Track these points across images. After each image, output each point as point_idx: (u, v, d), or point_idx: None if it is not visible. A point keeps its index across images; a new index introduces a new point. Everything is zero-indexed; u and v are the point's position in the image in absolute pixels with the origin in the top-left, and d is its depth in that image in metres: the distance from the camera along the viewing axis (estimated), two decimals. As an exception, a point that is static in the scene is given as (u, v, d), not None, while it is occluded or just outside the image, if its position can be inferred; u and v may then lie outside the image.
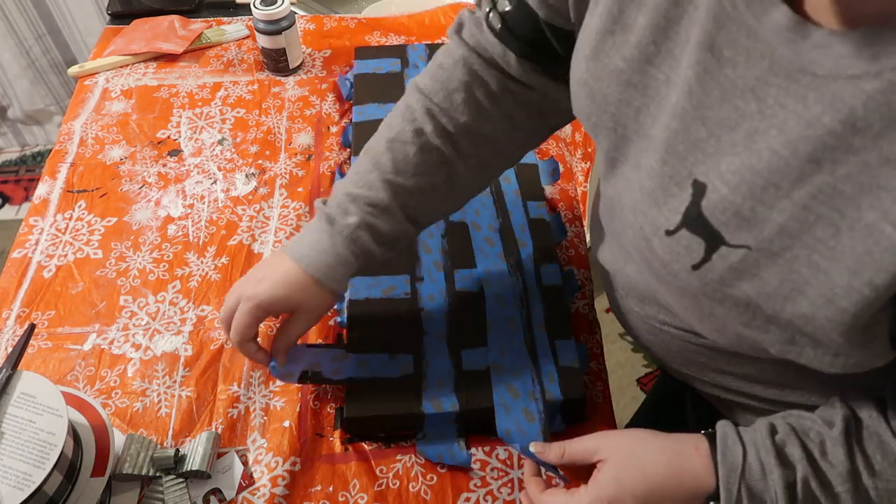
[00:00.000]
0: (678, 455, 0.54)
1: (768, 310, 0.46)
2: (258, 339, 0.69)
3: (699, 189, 0.47)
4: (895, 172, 0.39)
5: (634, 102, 0.51)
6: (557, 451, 0.61)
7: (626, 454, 0.56)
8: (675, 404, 0.84)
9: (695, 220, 0.47)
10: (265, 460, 0.70)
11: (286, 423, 0.72)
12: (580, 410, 0.72)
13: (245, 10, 1.21)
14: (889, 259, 0.40)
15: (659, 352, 0.67)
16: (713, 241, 0.46)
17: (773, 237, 0.44)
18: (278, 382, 0.75)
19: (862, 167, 0.40)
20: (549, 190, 0.94)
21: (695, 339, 0.60)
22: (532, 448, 0.63)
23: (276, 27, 1.03)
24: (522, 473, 0.69)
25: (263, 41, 1.05)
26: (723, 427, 0.55)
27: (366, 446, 0.71)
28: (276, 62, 1.07)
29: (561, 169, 0.96)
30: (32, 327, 0.71)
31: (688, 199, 0.47)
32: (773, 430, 0.53)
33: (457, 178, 0.67)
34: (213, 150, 0.98)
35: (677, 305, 0.55)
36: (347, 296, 0.78)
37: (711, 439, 0.54)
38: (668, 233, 0.49)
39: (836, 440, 0.51)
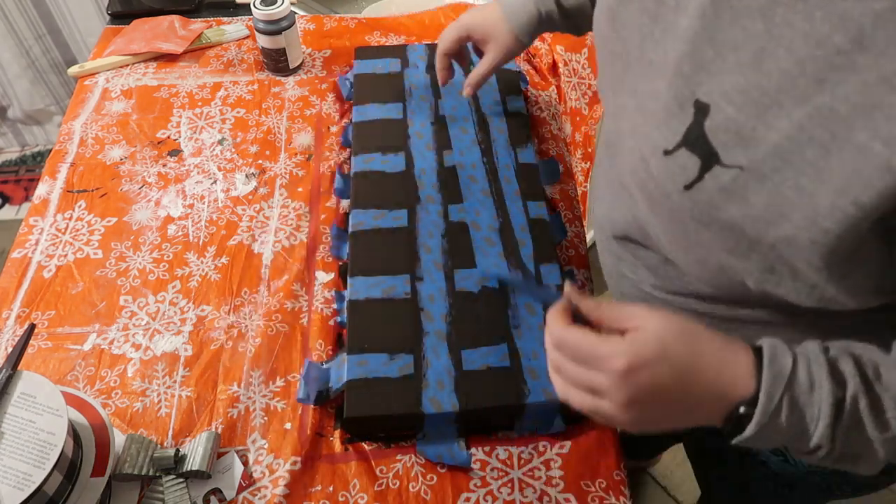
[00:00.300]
0: (726, 349, 0.49)
1: (752, 234, 0.47)
2: None
3: (702, 109, 0.47)
4: (891, 90, 0.39)
5: (644, 28, 0.53)
6: (592, 304, 0.53)
7: (676, 326, 0.49)
8: None
9: (695, 140, 0.47)
10: (265, 461, 0.70)
11: (287, 425, 0.72)
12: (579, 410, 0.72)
13: (245, 10, 1.21)
14: (877, 176, 0.40)
15: None
16: (709, 160, 0.47)
17: (766, 157, 0.44)
18: (278, 382, 0.76)
19: (861, 86, 0.40)
20: (549, 190, 0.94)
21: (683, 301, 0.60)
22: (567, 288, 0.54)
23: (276, 27, 1.03)
24: (522, 473, 0.70)
25: (263, 41, 1.05)
26: (770, 340, 0.49)
27: (366, 446, 0.71)
28: (276, 62, 1.07)
29: (561, 169, 0.96)
30: (32, 327, 0.71)
31: (689, 119, 0.48)
32: (826, 348, 0.49)
33: None
34: (213, 150, 0.98)
35: (665, 235, 0.55)
36: (347, 296, 0.78)
37: (758, 352, 0.49)
38: (666, 152, 0.49)
39: (894, 364, 0.47)
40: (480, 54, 0.92)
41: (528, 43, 0.88)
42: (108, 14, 1.22)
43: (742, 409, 0.47)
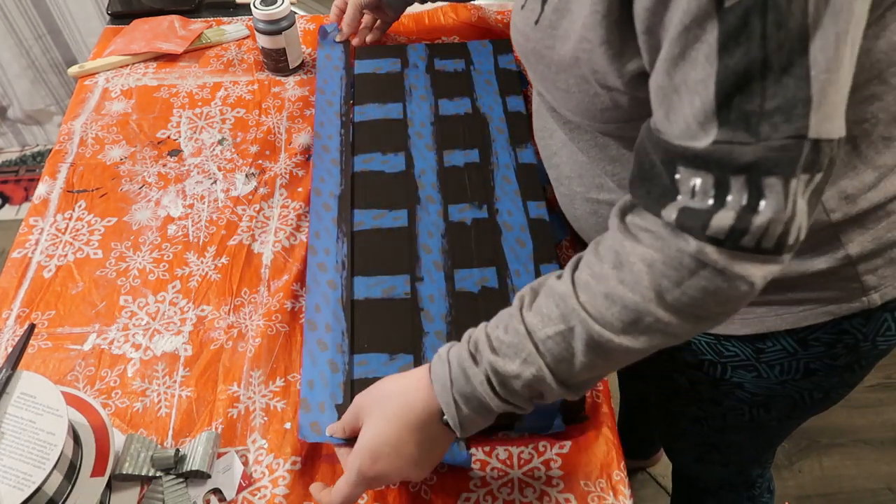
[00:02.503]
0: (407, 391, 0.60)
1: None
2: None
3: None
4: None
5: None
6: (339, 426, 0.66)
7: (374, 408, 0.62)
8: None
9: None
10: (266, 461, 0.70)
11: (287, 425, 0.72)
12: (580, 410, 0.72)
13: (245, 10, 1.21)
14: None
15: (603, 231, 0.72)
16: None
17: None
18: (278, 382, 0.76)
19: None
20: (550, 190, 0.94)
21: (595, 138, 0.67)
22: (327, 431, 0.67)
23: (276, 27, 1.03)
24: (522, 473, 0.70)
25: (263, 41, 1.05)
26: (440, 350, 0.60)
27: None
28: (276, 62, 1.07)
29: (561, 169, 0.96)
30: (32, 327, 0.71)
31: None
32: (468, 337, 0.59)
33: None
34: (213, 150, 0.98)
35: (550, 89, 0.63)
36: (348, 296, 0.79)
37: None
38: (522, 7, 0.63)
39: (513, 314, 0.57)
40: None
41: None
42: (108, 14, 1.22)
43: (444, 419, 0.59)
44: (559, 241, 0.88)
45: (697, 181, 0.48)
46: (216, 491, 0.68)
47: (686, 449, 0.96)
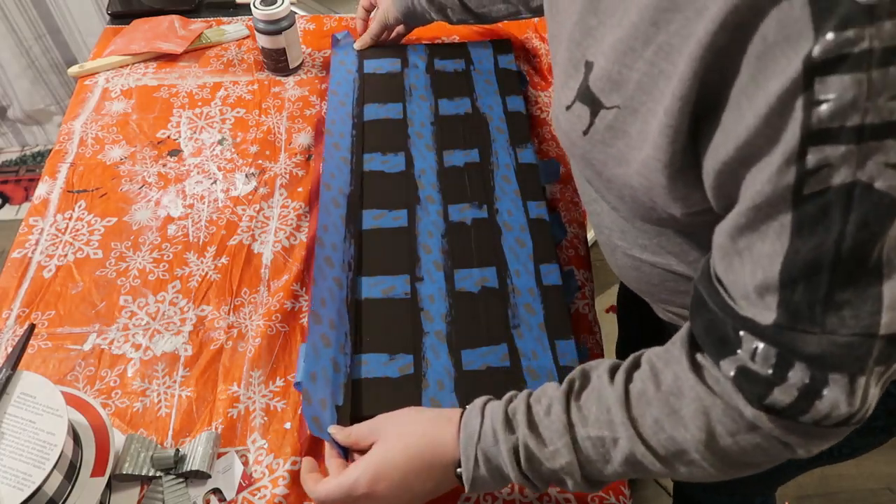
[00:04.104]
0: (433, 427, 0.61)
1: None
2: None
3: (589, 67, 0.55)
4: (701, 19, 0.44)
5: (552, 8, 0.63)
6: (345, 433, 0.65)
7: (393, 430, 0.62)
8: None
9: (584, 92, 0.55)
10: (266, 461, 0.70)
11: (287, 425, 0.72)
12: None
13: (245, 10, 1.21)
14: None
15: (644, 288, 0.72)
16: (595, 106, 0.54)
17: (634, 94, 0.51)
18: (278, 382, 0.76)
19: (685, 21, 0.45)
20: (549, 190, 0.94)
21: (665, 264, 0.65)
22: (330, 430, 0.67)
23: (276, 27, 1.03)
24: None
25: (263, 41, 1.05)
26: (477, 400, 0.60)
27: (366, 446, 0.71)
28: (276, 62, 1.07)
29: (561, 169, 0.96)
30: (32, 327, 0.71)
31: (581, 77, 0.56)
32: (510, 400, 0.59)
33: None
34: (213, 150, 0.98)
35: (588, 182, 0.62)
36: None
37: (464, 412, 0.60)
38: (567, 108, 0.58)
39: (559, 399, 0.56)
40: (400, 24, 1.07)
41: (405, 20, 1.04)
42: (108, 14, 1.22)
43: (458, 470, 0.59)
44: (559, 242, 0.88)
45: (760, 346, 0.46)
46: (216, 491, 0.68)
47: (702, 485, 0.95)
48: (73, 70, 1.09)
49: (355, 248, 0.83)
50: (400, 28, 1.09)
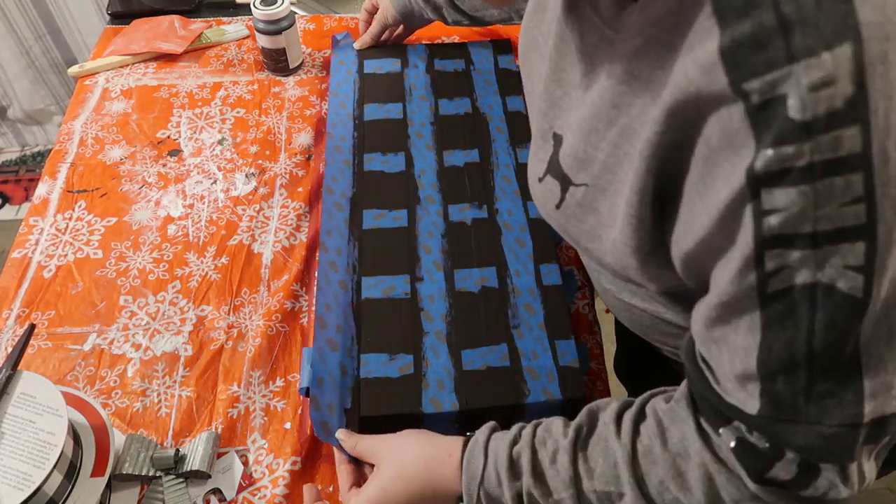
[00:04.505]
0: (433, 461, 0.60)
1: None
2: None
3: (558, 140, 0.55)
4: (655, 107, 0.44)
5: (526, 71, 0.63)
6: (352, 443, 0.66)
7: (392, 461, 0.62)
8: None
9: (555, 167, 0.56)
10: (266, 461, 0.70)
11: (287, 425, 0.72)
12: (580, 410, 0.72)
13: (245, 10, 1.21)
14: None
15: (637, 328, 0.72)
16: (565, 182, 0.55)
17: (600, 174, 0.51)
18: (278, 382, 0.76)
19: (643, 107, 0.46)
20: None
21: (654, 310, 0.65)
22: (338, 435, 0.67)
23: (276, 27, 1.03)
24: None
25: (263, 41, 1.05)
26: (477, 435, 0.60)
27: (366, 446, 0.71)
28: (276, 62, 1.07)
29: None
30: (32, 327, 0.71)
31: (551, 149, 0.56)
32: (514, 441, 0.58)
33: None
34: (213, 150, 0.98)
35: (581, 251, 0.60)
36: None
37: (466, 445, 0.60)
38: (539, 180, 0.58)
39: (565, 448, 0.55)
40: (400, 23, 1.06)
41: (404, 20, 1.04)
42: (108, 14, 1.22)
43: None
44: (559, 242, 0.88)
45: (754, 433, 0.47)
46: (216, 491, 0.68)
47: None
48: (73, 70, 1.09)
49: (359, 249, 0.83)
50: (400, 29, 1.08)
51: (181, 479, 0.68)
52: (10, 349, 0.77)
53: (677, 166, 0.44)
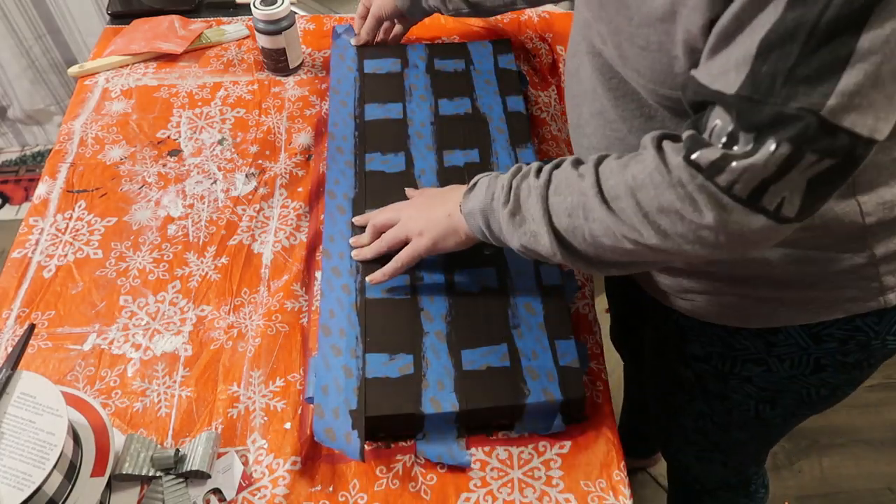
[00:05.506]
0: (448, 191, 0.78)
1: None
2: None
3: None
4: None
5: None
6: (364, 220, 0.82)
7: (416, 204, 0.79)
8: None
9: None
10: (266, 461, 0.70)
11: (287, 425, 0.72)
12: (580, 410, 0.72)
13: (245, 10, 1.21)
14: None
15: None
16: None
17: None
18: (278, 382, 0.76)
19: None
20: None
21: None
22: (355, 220, 0.84)
23: (276, 27, 1.03)
24: (522, 473, 0.70)
25: (263, 41, 1.05)
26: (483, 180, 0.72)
27: (366, 446, 0.71)
28: (276, 62, 1.07)
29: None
30: (32, 327, 0.71)
31: None
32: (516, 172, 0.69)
33: None
34: (213, 150, 0.98)
35: (621, 44, 0.62)
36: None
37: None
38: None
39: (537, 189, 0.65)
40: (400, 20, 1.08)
41: (403, 11, 1.03)
42: (108, 14, 1.22)
43: (463, 195, 0.72)
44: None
45: (717, 123, 0.52)
46: (216, 491, 0.68)
47: (686, 447, 0.96)
48: (73, 70, 1.09)
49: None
50: (398, 28, 1.08)
51: (181, 479, 0.68)
52: (10, 349, 0.77)
53: None
